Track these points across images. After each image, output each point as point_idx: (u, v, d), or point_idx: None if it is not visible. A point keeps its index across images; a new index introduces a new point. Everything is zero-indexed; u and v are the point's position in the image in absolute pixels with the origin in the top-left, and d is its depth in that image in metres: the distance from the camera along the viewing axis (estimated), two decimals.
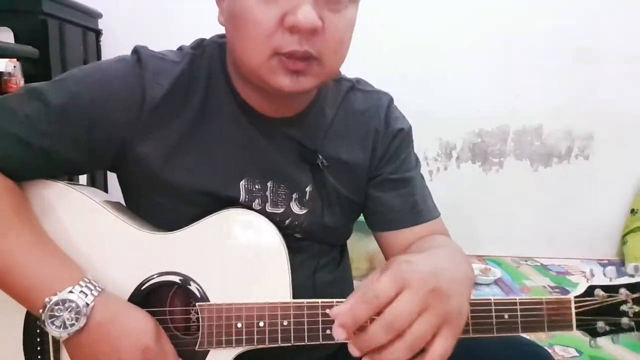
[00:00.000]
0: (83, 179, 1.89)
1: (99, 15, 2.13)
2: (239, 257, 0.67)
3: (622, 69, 2.21)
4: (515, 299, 0.65)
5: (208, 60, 0.72)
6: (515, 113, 2.31)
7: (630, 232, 2.26)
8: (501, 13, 2.21)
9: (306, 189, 0.75)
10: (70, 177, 0.77)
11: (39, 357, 0.65)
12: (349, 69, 0.90)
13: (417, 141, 0.84)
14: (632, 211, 2.32)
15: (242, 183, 0.71)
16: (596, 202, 2.33)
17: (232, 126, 0.71)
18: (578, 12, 2.19)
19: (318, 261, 0.77)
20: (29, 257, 0.61)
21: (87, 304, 0.58)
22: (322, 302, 0.63)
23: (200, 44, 0.74)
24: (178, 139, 0.69)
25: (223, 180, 0.70)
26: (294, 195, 0.74)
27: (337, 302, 0.63)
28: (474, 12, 2.22)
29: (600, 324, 0.66)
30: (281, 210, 0.73)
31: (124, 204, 0.76)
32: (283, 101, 0.71)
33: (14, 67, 1.62)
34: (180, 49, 0.74)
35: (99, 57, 2.13)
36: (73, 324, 0.57)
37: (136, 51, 0.70)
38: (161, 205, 0.71)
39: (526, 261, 2.36)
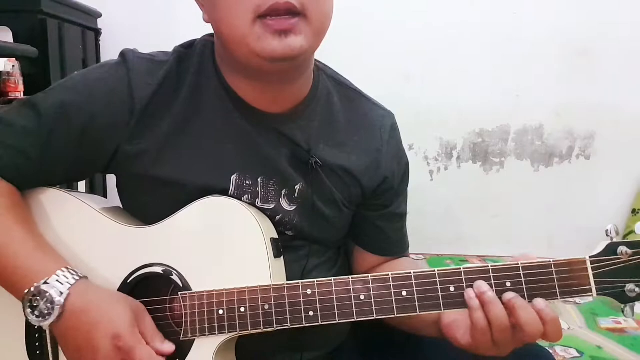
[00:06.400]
0: (82, 182, 1.88)
1: (99, 15, 2.13)
2: (217, 243, 0.67)
3: (624, 69, 2.20)
4: (517, 264, 0.60)
5: (198, 57, 0.73)
6: (516, 113, 2.30)
7: (632, 232, 2.26)
8: (502, 13, 2.21)
9: (296, 187, 0.73)
10: (70, 182, 0.78)
11: (37, 352, 0.67)
12: (352, 70, 0.89)
13: (417, 141, 0.84)
14: (634, 211, 2.31)
15: (233, 177, 0.71)
16: (597, 202, 2.31)
17: (223, 120, 0.71)
18: (579, 11, 2.19)
19: (308, 261, 0.76)
20: (17, 252, 0.63)
21: (62, 293, 0.59)
22: (302, 283, 0.63)
23: (192, 43, 0.75)
24: (168, 136, 0.69)
25: (213, 174, 0.70)
26: (283, 191, 0.73)
27: (317, 282, 0.63)
28: (474, 12, 2.21)
29: (631, 287, 0.57)
30: (272, 206, 0.73)
31: (121, 207, 0.77)
32: (275, 90, 0.70)
33: (13, 66, 1.62)
34: (173, 49, 0.75)
35: (98, 56, 2.13)
36: (50, 313, 0.59)
37: (123, 54, 0.71)
38: (153, 203, 0.71)
39: None
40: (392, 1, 2.23)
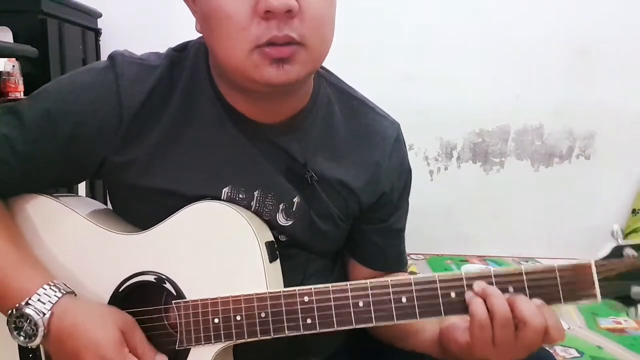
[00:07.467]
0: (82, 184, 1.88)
1: (99, 15, 2.13)
2: (209, 249, 0.65)
3: (623, 69, 2.20)
4: (520, 269, 0.58)
5: (191, 61, 0.69)
6: (516, 113, 2.30)
7: (632, 232, 2.26)
8: (502, 13, 2.20)
9: (294, 200, 0.71)
10: (59, 187, 0.77)
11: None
12: (351, 70, 0.89)
13: (418, 141, 0.83)
14: (634, 211, 2.31)
15: (225, 190, 0.68)
16: (597, 202, 2.31)
17: (216, 130, 0.68)
18: (579, 11, 2.18)
19: (305, 269, 0.74)
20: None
21: (44, 314, 0.58)
22: (299, 291, 0.61)
23: (185, 46, 0.72)
24: (158, 144, 0.67)
25: (204, 186, 0.68)
26: (281, 205, 0.71)
27: (315, 289, 0.61)
28: (475, 12, 2.21)
29: (637, 290, 0.56)
30: (265, 219, 0.70)
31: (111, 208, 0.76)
32: (271, 103, 0.68)
33: (13, 66, 1.62)
34: (166, 51, 0.72)
35: (98, 56, 2.13)
36: (35, 334, 0.58)
37: (111, 58, 0.68)
38: (143, 210, 0.69)
39: (527, 261, 2.35)
40: (392, 1, 2.23)
